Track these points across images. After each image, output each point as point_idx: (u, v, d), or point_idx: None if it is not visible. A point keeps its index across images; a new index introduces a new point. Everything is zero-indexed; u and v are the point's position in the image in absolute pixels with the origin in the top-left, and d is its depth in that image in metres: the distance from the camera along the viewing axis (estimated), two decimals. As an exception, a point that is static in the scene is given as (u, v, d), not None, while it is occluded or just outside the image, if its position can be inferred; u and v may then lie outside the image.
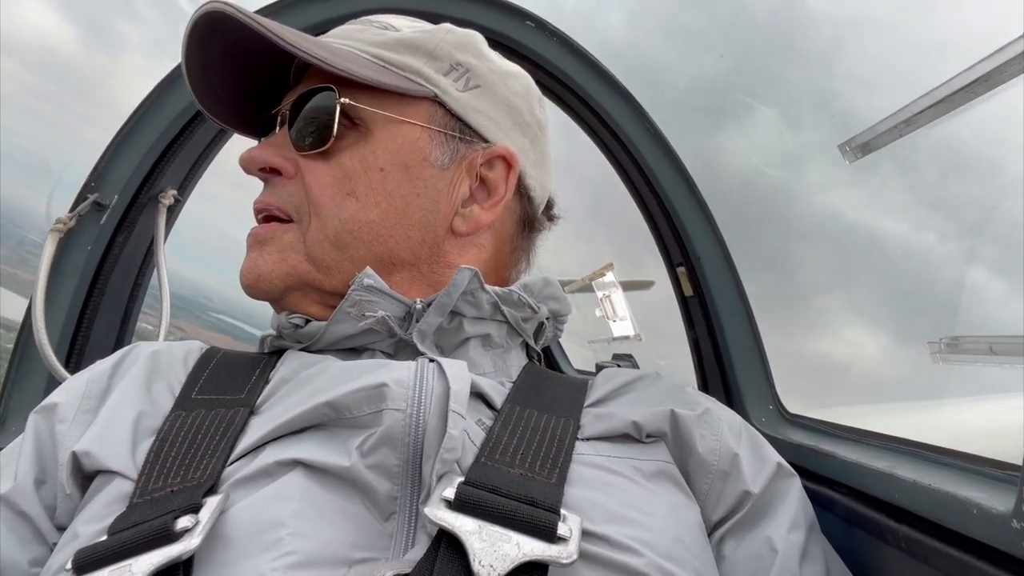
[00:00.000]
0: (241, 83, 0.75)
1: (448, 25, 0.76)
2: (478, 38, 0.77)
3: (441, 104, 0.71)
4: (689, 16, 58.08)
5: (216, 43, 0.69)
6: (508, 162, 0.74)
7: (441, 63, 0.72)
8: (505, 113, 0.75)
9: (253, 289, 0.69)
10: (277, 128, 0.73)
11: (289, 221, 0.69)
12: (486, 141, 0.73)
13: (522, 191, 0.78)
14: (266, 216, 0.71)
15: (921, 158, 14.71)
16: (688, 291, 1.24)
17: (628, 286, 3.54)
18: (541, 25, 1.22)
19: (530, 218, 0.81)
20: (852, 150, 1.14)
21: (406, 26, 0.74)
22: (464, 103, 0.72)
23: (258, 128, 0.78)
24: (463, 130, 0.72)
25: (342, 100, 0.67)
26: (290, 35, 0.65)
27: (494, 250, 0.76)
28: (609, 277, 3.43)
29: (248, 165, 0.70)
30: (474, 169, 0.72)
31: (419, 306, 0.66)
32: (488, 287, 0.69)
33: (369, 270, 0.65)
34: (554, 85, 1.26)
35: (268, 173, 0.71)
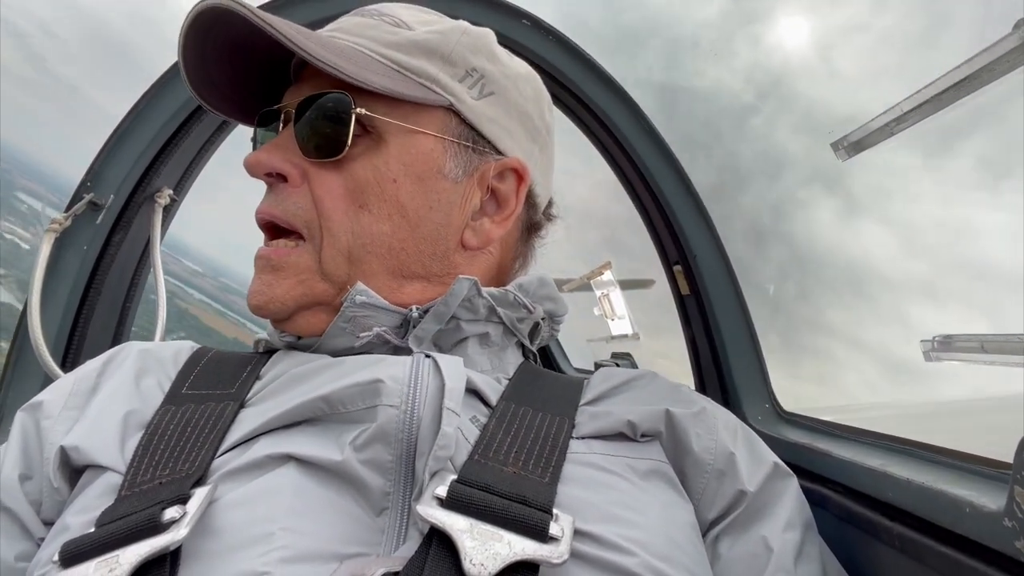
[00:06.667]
0: (240, 74, 0.71)
1: (463, 24, 0.73)
2: (491, 37, 0.74)
3: (456, 113, 0.69)
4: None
5: (217, 35, 0.65)
6: (519, 174, 0.72)
7: (456, 69, 0.69)
8: (517, 120, 0.73)
9: (262, 310, 0.66)
10: (280, 126, 0.69)
11: (298, 236, 0.66)
12: (499, 151, 0.71)
13: (529, 199, 0.76)
14: (269, 225, 0.68)
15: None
16: (685, 290, 1.25)
17: (628, 285, 3.54)
18: (537, 24, 1.22)
19: (534, 223, 0.80)
20: (845, 148, 1.15)
21: (419, 23, 0.71)
22: (478, 112, 0.70)
23: (254, 117, 0.74)
24: (476, 140, 0.70)
25: (359, 110, 0.64)
26: (300, 37, 0.61)
27: (500, 257, 0.76)
28: (607, 276, 3.43)
29: (255, 169, 0.67)
30: (485, 181, 0.71)
31: (415, 314, 0.65)
32: (485, 290, 0.68)
33: (360, 285, 0.64)
34: (551, 84, 1.26)
35: (274, 178, 0.67)
